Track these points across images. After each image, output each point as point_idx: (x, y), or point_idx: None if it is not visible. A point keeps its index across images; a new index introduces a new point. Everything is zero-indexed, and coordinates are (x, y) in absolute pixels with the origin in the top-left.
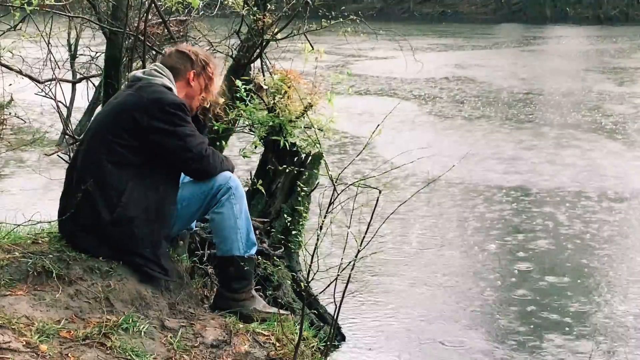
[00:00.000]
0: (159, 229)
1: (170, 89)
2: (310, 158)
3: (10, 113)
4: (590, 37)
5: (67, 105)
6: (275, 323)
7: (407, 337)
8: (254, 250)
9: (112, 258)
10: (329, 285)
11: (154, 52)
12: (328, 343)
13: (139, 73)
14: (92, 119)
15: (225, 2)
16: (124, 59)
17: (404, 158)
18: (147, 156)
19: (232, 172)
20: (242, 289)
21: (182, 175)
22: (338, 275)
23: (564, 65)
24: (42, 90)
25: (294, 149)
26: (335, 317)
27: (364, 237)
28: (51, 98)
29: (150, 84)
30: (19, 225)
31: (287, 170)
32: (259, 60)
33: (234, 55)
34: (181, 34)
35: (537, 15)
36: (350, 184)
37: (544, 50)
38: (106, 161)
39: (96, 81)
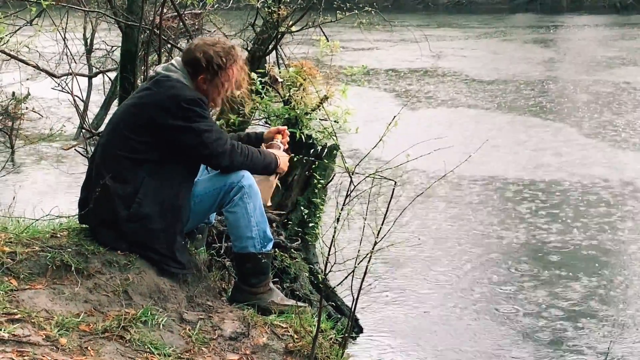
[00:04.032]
0: (174, 224)
1: (186, 84)
2: (326, 150)
3: (27, 107)
4: (599, 26)
5: (84, 99)
6: (293, 315)
7: (425, 329)
8: (270, 246)
9: (131, 252)
10: (346, 278)
11: (169, 46)
12: (346, 335)
13: (159, 68)
14: (114, 112)
15: None
16: (140, 53)
17: (416, 151)
18: (164, 152)
19: (270, 165)
20: (260, 283)
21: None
22: (355, 267)
23: (544, 54)
24: (58, 84)
25: (310, 141)
26: (352, 309)
27: (380, 229)
28: (68, 92)
29: (168, 79)
30: (37, 219)
31: (304, 162)
32: (274, 53)
33: (249, 48)
34: (196, 27)
35: (553, 4)
36: (367, 176)
37: (540, 39)
38: (123, 157)
39: (112, 75)
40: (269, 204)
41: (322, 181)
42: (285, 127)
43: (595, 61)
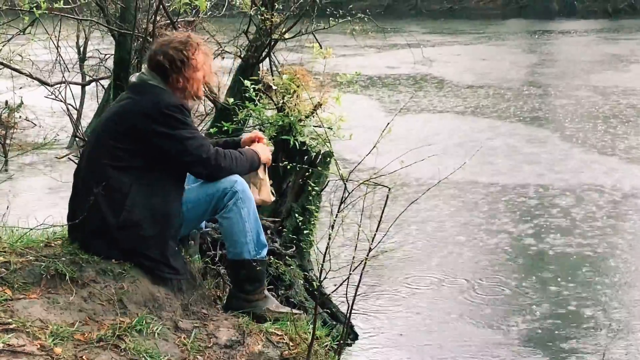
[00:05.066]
0: (165, 229)
1: (165, 89)
2: (320, 157)
3: (20, 116)
4: (588, 32)
5: (77, 107)
6: (288, 323)
7: (420, 335)
8: (264, 252)
9: (124, 260)
10: (340, 284)
11: None
12: (341, 342)
13: (133, 78)
14: (96, 123)
15: (233, 3)
16: (133, 61)
17: (403, 157)
18: (149, 159)
19: (254, 163)
20: (255, 290)
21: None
22: (350, 274)
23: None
24: (52, 93)
25: (304, 148)
26: (347, 315)
27: (374, 235)
28: (61, 101)
29: (147, 86)
30: (31, 229)
31: (297, 169)
32: (267, 60)
33: (242, 55)
34: None
35: (544, 10)
36: (361, 182)
37: (528, 45)
38: (109, 166)
39: (105, 83)
40: (272, 198)
41: (316, 188)
42: (260, 133)
43: (579, 66)
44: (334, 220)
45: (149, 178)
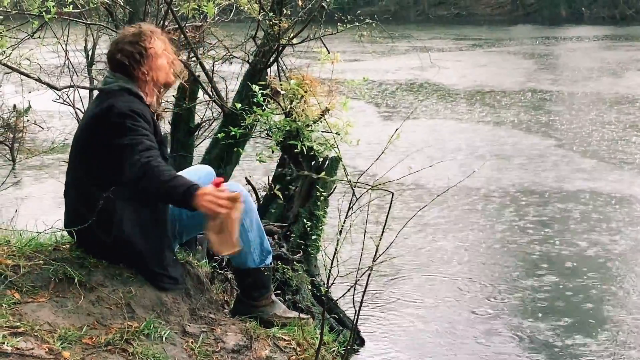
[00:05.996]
0: (160, 241)
1: (128, 89)
2: (327, 162)
3: (28, 120)
4: (592, 38)
5: (85, 111)
6: (296, 328)
7: (427, 341)
8: (269, 259)
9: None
10: (348, 290)
11: None
12: (348, 347)
13: (99, 84)
14: (71, 145)
15: (241, 8)
16: None
17: (413, 163)
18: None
19: (167, 200)
20: (261, 297)
21: None
22: (357, 279)
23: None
24: (60, 97)
25: (311, 153)
26: (355, 321)
27: (380, 240)
28: (69, 105)
29: (109, 92)
30: (40, 232)
31: (304, 175)
32: (275, 65)
33: (250, 61)
34: (197, 39)
35: (552, 15)
36: (369, 188)
37: (529, 51)
38: (89, 184)
39: None
40: (237, 248)
41: (324, 193)
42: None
43: (580, 73)
44: (342, 226)
45: (131, 191)
